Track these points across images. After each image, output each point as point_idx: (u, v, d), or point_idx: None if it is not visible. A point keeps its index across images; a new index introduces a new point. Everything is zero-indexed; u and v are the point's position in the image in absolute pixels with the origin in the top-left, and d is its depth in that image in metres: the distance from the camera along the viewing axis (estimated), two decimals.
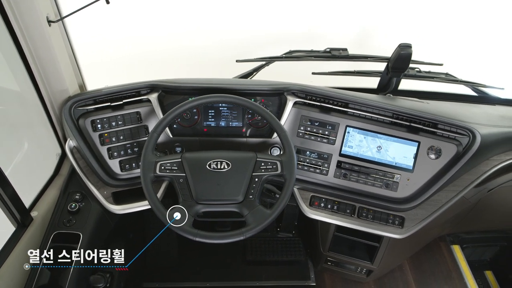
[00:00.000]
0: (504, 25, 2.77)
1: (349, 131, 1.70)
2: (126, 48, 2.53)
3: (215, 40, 2.54)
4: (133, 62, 2.49)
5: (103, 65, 2.39)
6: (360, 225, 1.74)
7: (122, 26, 2.48)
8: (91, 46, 2.21)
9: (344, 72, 2.06)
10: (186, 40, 2.54)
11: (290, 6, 2.55)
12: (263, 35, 2.54)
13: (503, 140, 1.78)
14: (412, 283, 2.38)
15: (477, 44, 2.81)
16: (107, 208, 1.68)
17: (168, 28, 2.53)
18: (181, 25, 2.53)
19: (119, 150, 1.69)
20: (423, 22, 2.72)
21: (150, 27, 2.51)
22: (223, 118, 1.76)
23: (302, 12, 2.58)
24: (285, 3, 2.53)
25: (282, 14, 2.57)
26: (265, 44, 2.45)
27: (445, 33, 2.75)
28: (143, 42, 2.53)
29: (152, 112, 1.70)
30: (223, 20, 2.54)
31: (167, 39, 2.55)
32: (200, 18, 2.52)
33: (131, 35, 2.52)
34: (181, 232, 1.37)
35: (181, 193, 1.44)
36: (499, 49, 2.82)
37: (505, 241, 2.68)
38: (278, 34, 2.56)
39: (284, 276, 2.35)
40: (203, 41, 2.54)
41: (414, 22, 2.71)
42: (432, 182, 1.70)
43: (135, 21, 2.48)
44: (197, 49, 2.54)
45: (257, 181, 1.45)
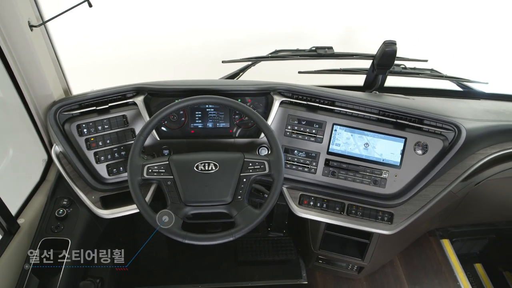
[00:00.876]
0: (487, 21, 2.80)
1: (336, 129, 1.71)
2: (110, 52, 2.51)
3: (201, 41, 2.54)
4: (118, 66, 2.47)
5: (88, 69, 2.37)
6: (350, 223, 1.75)
7: (106, 30, 2.47)
8: (75, 50, 2.19)
9: (330, 70, 2.07)
10: (171, 42, 2.53)
11: (275, 6, 2.55)
12: (249, 35, 2.54)
13: (488, 134, 1.80)
14: (403, 278, 2.40)
15: (461, 39, 2.84)
16: (95, 213, 1.66)
17: (152, 30, 2.51)
18: (165, 27, 2.51)
19: (106, 154, 1.68)
20: (408, 18, 2.74)
21: (134, 29, 2.49)
22: (210, 120, 1.76)
23: (287, 12, 2.59)
24: (270, 2, 2.53)
25: (267, 14, 2.57)
26: (251, 44, 2.46)
27: (429, 30, 2.78)
28: (128, 45, 2.52)
29: (139, 115, 1.69)
30: (208, 20, 2.53)
31: (152, 41, 2.53)
32: (185, 19, 2.51)
33: (115, 38, 2.50)
34: (170, 235, 1.37)
35: (169, 195, 1.44)
36: (482, 44, 2.85)
37: (493, 233, 2.72)
38: (263, 34, 2.56)
39: (276, 276, 2.36)
40: (189, 42, 2.53)
41: (398, 19, 2.73)
42: (419, 177, 1.71)
43: (118, 24, 2.46)
44: (182, 51, 2.53)
45: (245, 182, 1.45)
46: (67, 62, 1.78)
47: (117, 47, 2.51)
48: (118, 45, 2.51)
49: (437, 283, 2.40)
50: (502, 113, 1.96)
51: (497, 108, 2.04)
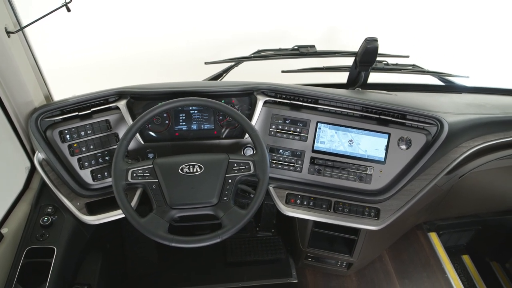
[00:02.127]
0: (465, 16, 2.84)
1: (320, 127, 1.72)
2: (92, 56, 2.48)
3: (183, 42, 2.53)
4: (100, 70, 2.45)
5: (70, 75, 2.34)
6: (337, 219, 1.76)
7: (86, 34, 2.44)
8: (55, 56, 2.16)
9: (313, 68, 2.08)
10: (153, 44, 2.52)
11: (257, 5, 2.55)
12: (231, 36, 2.54)
13: (470, 127, 1.82)
14: (392, 273, 2.42)
15: (441, 34, 2.87)
16: (81, 220, 1.64)
17: (133, 33, 2.50)
18: (147, 29, 2.50)
19: (89, 160, 1.66)
20: (388, 15, 2.76)
21: (114, 33, 2.47)
22: (195, 121, 1.75)
23: (269, 11, 2.59)
24: (251, 2, 2.53)
25: (249, 14, 2.57)
26: (234, 44, 2.46)
27: (410, 25, 2.81)
28: (109, 49, 2.49)
29: (122, 120, 1.68)
30: (190, 22, 2.52)
31: (133, 44, 2.51)
32: (166, 22, 2.50)
33: (96, 42, 2.48)
34: (156, 239, 1.36)
35: (154, 199, 1.43)
36: (462, 38, 2.89)
37: (479, 225, 2.75)
38: (246, 34, 2.56)
39: (266, 275, 2.35)
40: (171, 44, 2.52)
41: (379, 15, 2.75)
42: (404, 172, 1.73)
43: (99, 28, 2.44)
44: (165, 53, 2.51)
45: (230, 182, 1.45)
46: (48, 69, 1.76)
47: (98, 51, 2.49)
48: (99, 49, 2.49)
49: (425, 276, 2.42)
50: (483, 106, 1.98)
51: (478, 101, 2.06)
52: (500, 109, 1.98)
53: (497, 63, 2.97)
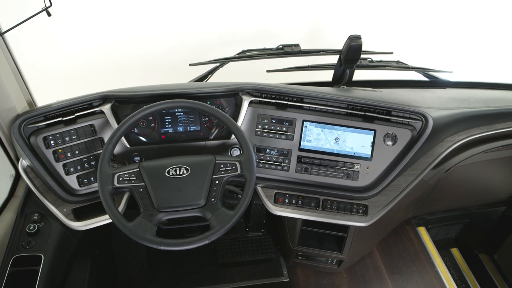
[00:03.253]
0: (447, 11, 2.87)
1: (306, 125, 1.72)
2: (74, 61, 2.45)
3: (167, 44, 2.51)
4: (84, 74, 2.42)
5: (53, 80, 2.32)
6: (326, 217, 1.76)
7: (67, 38, 2.41)
8: (37, 61, 2.14)
9: (298, 67, 2.08)
10: (136, 47, 2.49)
11: (240, 5, 2.54)
12: (216, 37, 2.53)
13: (454, 121, 1.84)
14: (383, 268, 2.44)
15: (424, 30, 2.90)
16: (68, 226, 1.63)
17: (116, 36, 2.47)
18: (129, 32, 2.47)
19: (75, 165, 1.64)
20: (371, 12, 2.78)
21: (97, 37, 2.44)
22: (180, 124, 1.74)
23: (252, 11, 2.59)
24: (235, 2, 2.52)
25: (233, 14, 2.56)
26: (218, 45, 2.45)
27: (393, 22, 2.82)
28: (93, 52, 2.46)
29: (107, 124, 1.66)
30: (173, 23, 2.50)
31: (117, 47, 2.48)
32: (149, 23, 2.47)
33: (78, 46, 2.45)
34: (144, 242, 1.35)
35: (141, 203, 1.42)
36: (445, 34, 2.92)
37: (467, 218, 2.78)
38: (230, 35, 2.55)
39: (257, 275, 2.36)
40: (155, 46, 2.49)
41: (362, 12, 2.76)
42: (391, 168, 1.74)
43: (80, 32, 2.41)
44: (149, 55, 2.49)
45: (217, 184, 1.45)
46: (31, 74, 1.74)
47: (81, 56, 2.45)
48: (82, 54, 2.46)
49: (415, 270, 2.44)
50: (467, 100, 2.01)
51: (461, 95, 2.09)
52: (483, 102, 2.00)
53: (480, 58, 3.01)
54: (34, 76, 1.79)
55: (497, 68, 2.98)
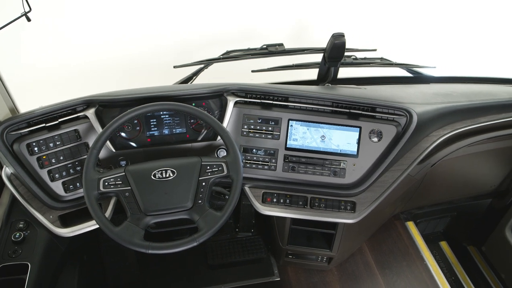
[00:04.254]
0: (429, 7, 2.90)
1: (292, 124, 1.73)
2: (57, 65, 2.42)
3: (151, 47, 2.49)
4: (67, 79, 2.40)
5: (36, 86, 2.29)
6: (314, 215, 1.77)
7: (47, 43, 2.38)
8: (19, 68, 2.11)
9: (283, 66, 2.08)
10: (120, 50, 2.47)
11: (224, 6, 2.54)
12: (200, 38, 2.53)
13: (438, 116, 1.86)
14: (373, 264, 2.45)
15: (406, 26, 2.92)
16: (55, 233, 1.61)
17: (98, 40, 2.45)
18: (111, 35, 2.45)
19: (60, 171, 1.63)
20: (354, 9, 2.79)
21: (80, 40, 2.41)
22: (166, 126, 1.73)
23: (235, 11, 2.58)
24: (217, 3, 2.52)
25: (215, 15, 2.56)
26: (202, 46, 2.44)
27: (376, 19, 2.85)
28: (76, 57, 2.44)
29: (91, 129, 1.65)
30: (156, 25, 2.49)
31: (100, 50, 2.46)
32: (131, 26, 2.46)
33: (59, 51, 2.42)
34: (132, 247, 1.34)
35: (128, 207, 1.41)
36: (428, 29, 2.95)
37: (454, 211, 2.81)
38: (214, 35, 2.55)
39: (248, 276, 2.35)
40: (138, 48, 2.48)
41: (345, 10, 2.78)
42: (377, 164, 1.75)
43: (62, 36, 2.38)
44: (133, 58, 2.48)
45: (204, 185, 1.44)
46: (12, 81, 1.71)
47: (64, 60, 2.43)
48: (65, 58, 2.43)
49: (405, 265, 2.46)
50: (450, 94, 2.03)
51: (445, 90, 2.11)
52: (466, 97, 2.02)
53: (462, 53, 3.05)
54: (16, 82, 1.76)
55: (479, 62, 3.02)
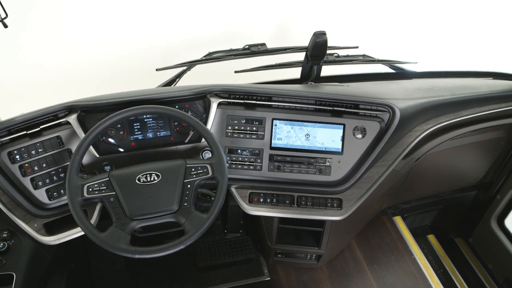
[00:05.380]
0: (410, 4, 2.93)
1: (276, 123, 1.73)
2: (37, 71, 2.38)
3: (132, 50, 2.47)
4: (45, 85, 2.36)
5: (16, 93, 2.25)
6: (301, 214, 1.77)
7: (25, 49, 2.34)
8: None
9: (266, 66, 2.09)
10: (101, 54, 2.44)
11: (205, 8, 2.53)
12: (182, 41, 2.52)
13: (420, 111, 1.87)
14: (362, 260, 2.47)
15: (388, 23, 2.95)
16: (40, 241, 1.59)
17: (79, 44, 2.41)
18: (92, 39, 2.42)
19: (43, 179, 1.61)
20: (335, 7, 2.81)
21: (61, 45, 2.38)
22: (150, 130, 1.72)
23: (218, 13, 2.58)
24: (199, 4, 2.51)
25: (197, 17, 2.55)
26: (185, 48, 2.43)
27: (357, 16, 2.86)
28: (56, 62, 2.40)
29: (74, 135, 1.63)
30: (138, 27, 2.47)
31: (80, 55, 2.43)
32: (113, 29, 2.43)
33: (39, 56, 2.38)
34: (118, 252, 1.34)
35: (113, 212, 1.40)
36: (409, 25, 2.98)
37: (441, 204, 2.84)
38: (196, 38, 2.54)
39: (238, 276, 2.35)
40: (120, 52, 2.45)
41: (326, 8, 2.79)
42: (362, 160, 1.76)
43: (39, 41, 2.34)
44: (115, 62, 2.45)
45: (190, 188, 1.44)
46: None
47: (44, 66, 2.39)
48: (45, 64, 2.40)
49: (394, 259, 2.48)
50: (431, 89, 2.04)
51: (426, 85, 2.13)
52: (448, 91, 2.04)
53: (443, 47, 3.08)
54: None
55: (460, 56, 3.06)
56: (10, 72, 2.36)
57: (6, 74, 2.33)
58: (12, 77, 2.36)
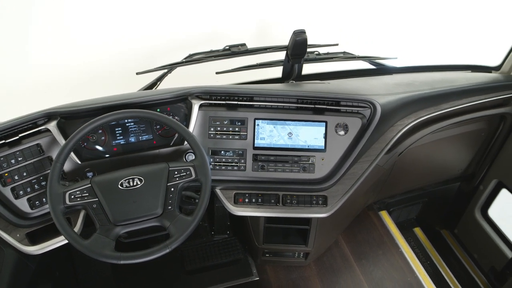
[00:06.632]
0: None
1: (258, 123, 1.73)
2: (8, 79, 2.33)
3: (112, 54, 2.44)
4: (26, 93, 2.33)
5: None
6: (287, 212, 1.78)
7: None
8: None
9: (247, 66, 2.08)
10: (80, 58, 2.39)
11: (185, 9, 2.52)
12: (161, 43, 2.49)
13: (401, 105, 1.89)
14: (350, 255, 2.48)
15: (367, 20, 2.97)
16: (23, 251, 1.56)
17: (56, 48, 2.37)
18: (69, 42, 2.37)
19: (24, 188, 1.58)
20: (315, 5, 2.82)
21: (33, 48, 2.32)
22: (132, 134, 1.71)
23: (197, 14, 2.57)
24: (178, 6, 2.49)
25: (177, 18, 2.53)
26: (165, 51, 2.41)
27: (336, 13, 2.88)
28: (31, 68, 2.35)
29: (54, 142, 1.60)
30: (116, 31, 2.43)
31: (58, 60, 2.38)
32: (90, 33, 2.38)
33: (11, 62, 2.32)
34: (103, 259, 1.32)
35: (96, 218, 1.39)
36: (387, 21, 3.00)
37: (425, 197, 2.88)
38: (175, 40, 2.52)
39: (227, 278, 2.35)
40: (99, 56, 2.41)
41: (306, 7, 2.80)
42: (345, 157, 1.78)
43: (13, 44, 2.29)
44: (94, 66, 2.41)
45: (173, 191, 1.43)
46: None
47: (18, 73, 2.34)
48: (21, 70, 2.34)
49: (381, 253, 2.51)
50: (412, 84, 2.07)
51: (407, 80, 2.15)
52: (428, 85, 2.07)
53: (422, 42, 3.12)
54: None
55: (438, 50, 3.10)
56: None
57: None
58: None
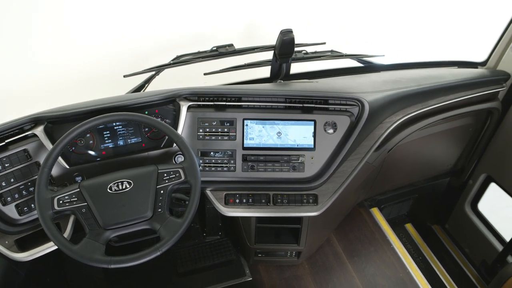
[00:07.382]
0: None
1: (247, 123, 1.73)
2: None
3: (98, 57, 2.42)
4: (11, 98, 2.30)
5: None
6: (278, 212, 1.78)
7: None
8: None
9: (235, 67, 2.08)
10: (66, 60, 2.37)
11: (171, 10, 2.50)
12: (148, 45, 2.48)
13: (389, 103, 1.90)
14: (342, 253, 2.49)
15: (354, 17, 2.98)
16: (12, 258, 1.54)
17: (40, 51, 2.34)
18: (55, 45, 2.34)
19: (12, 194, 1.56)
20: (302, 4, 2.82)
21: (15, 51, 2.29)
22: (120, 137, 1.70)
23: (184, 15, 2.56)
24: (165, 7, 2.48)
25: (164, 20, 2.52)
26: (152, 53, 2.39)
27: (323, 12, 2.89)
28: (17, 71, 2.32)
29: (42, 147, 1.59)
30: (104, 33, 2.41)
31: (43, 64, 2.35)
32: (77, 34, 2.36)
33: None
34: (94, 263, 1.32)
35: (86, 223, 1.38)
36: (374, 19, 3.02)
37: (416, 193, 2.90)
38: (164, 41, 2.50)
39: (220, 279, 2.34)
40: (85, 58, 2.39)
41: (292, 5, 2.80)
42: (335, 155, 1.78)
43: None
44: (81, 69, 2.39)
45: (163, 193, 1.43)
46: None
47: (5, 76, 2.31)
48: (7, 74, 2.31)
49: (373, 250, 2.52)
50: (399, 81, 2.08)
51: (394, 77, 2.16)
52: (415, 81, 2.08)
53: (409, 39, 3.14)
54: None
55: (425, 47, 3.12)
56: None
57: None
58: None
